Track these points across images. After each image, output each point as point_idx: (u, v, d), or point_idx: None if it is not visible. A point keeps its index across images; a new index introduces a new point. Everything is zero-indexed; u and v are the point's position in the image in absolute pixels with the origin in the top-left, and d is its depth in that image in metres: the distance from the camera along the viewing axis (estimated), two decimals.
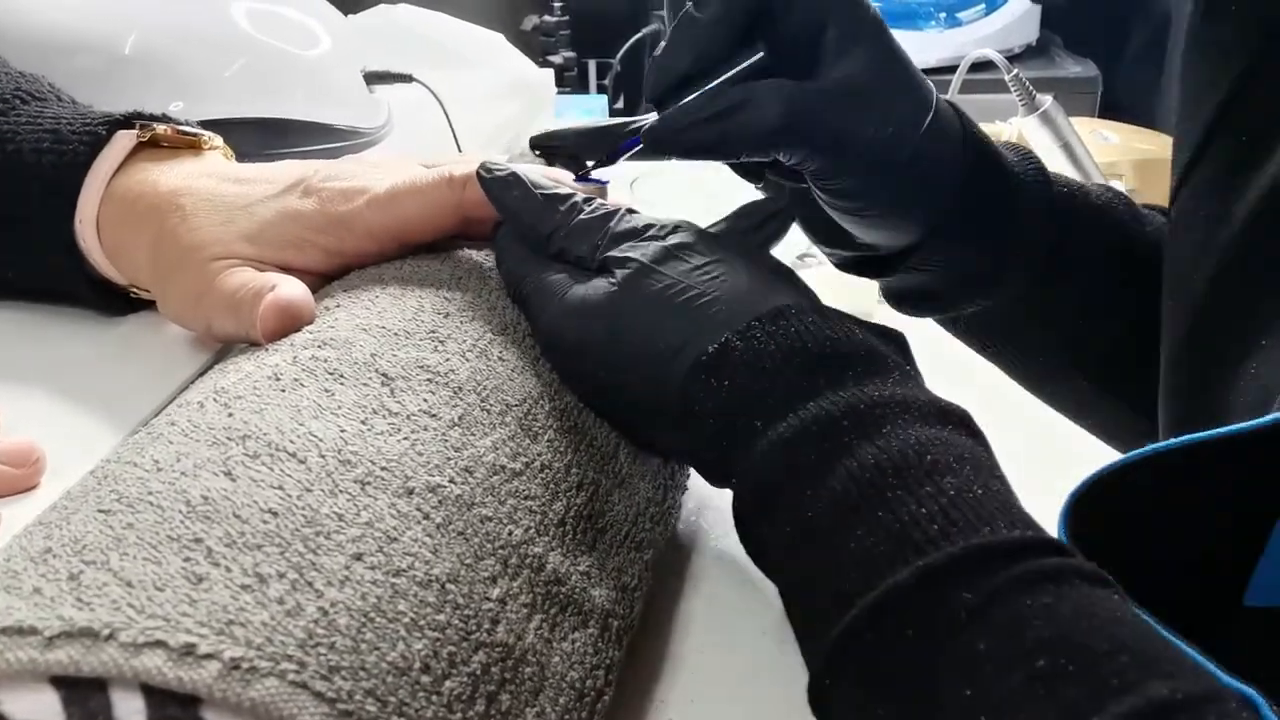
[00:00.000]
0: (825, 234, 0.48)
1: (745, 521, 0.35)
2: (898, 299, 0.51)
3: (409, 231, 0.45)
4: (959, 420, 0.33)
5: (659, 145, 0.42)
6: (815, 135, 0.41)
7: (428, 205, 0.44)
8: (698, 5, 0.42)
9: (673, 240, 0.40)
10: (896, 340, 0.38)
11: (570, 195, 0.42)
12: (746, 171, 0.48)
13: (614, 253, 0.40)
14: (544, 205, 0.42)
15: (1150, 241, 0.48)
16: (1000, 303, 0.48)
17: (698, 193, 0.84)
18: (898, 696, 0.27)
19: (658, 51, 0.43)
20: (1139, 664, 0.25)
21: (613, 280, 0.39)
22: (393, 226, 0.45)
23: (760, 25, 0.42)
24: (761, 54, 0.42)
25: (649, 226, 0.41)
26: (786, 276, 0.40)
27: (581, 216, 0.42)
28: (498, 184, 0.43)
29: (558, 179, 0.44)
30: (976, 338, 0.52)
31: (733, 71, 0.42)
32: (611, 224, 0.41)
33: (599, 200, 0.43)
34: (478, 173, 0.43)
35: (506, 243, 0.44)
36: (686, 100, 0.42)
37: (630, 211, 0.43)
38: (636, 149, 0.45)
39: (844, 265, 0.50)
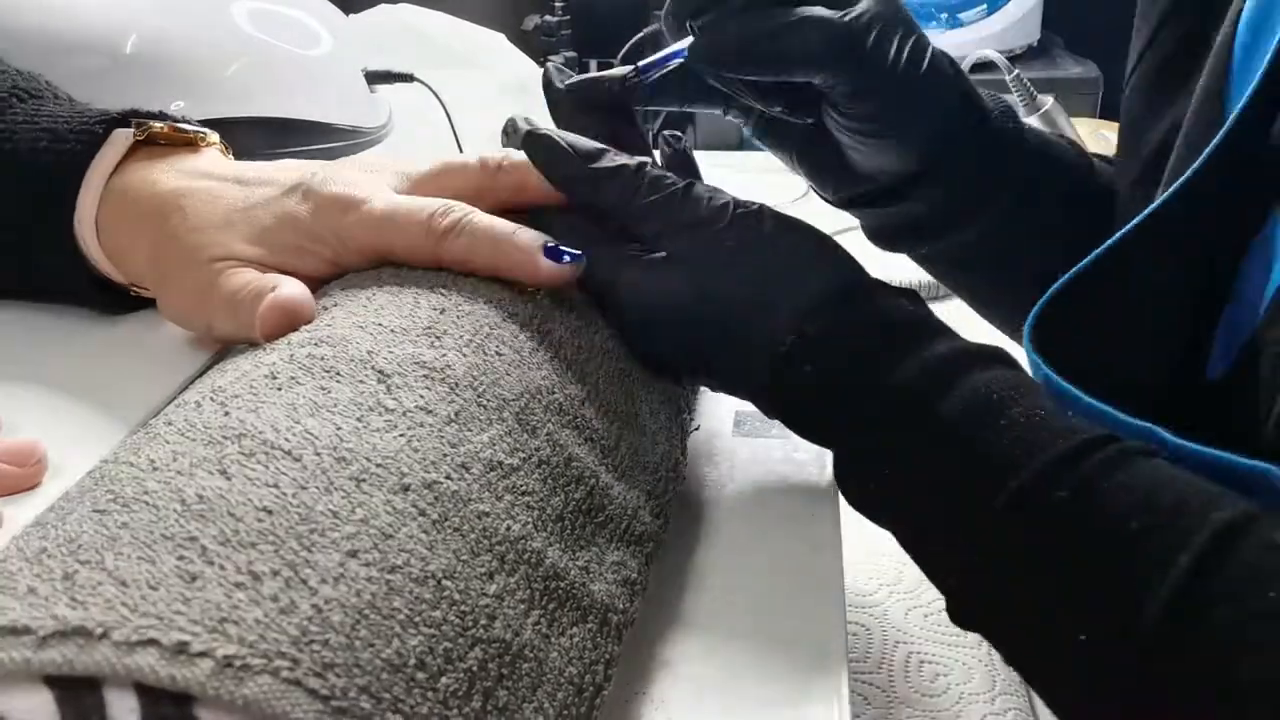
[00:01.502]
0: (824, 172, 0.52)
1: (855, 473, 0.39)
2: (879, 235, 0.54)
3: (395, 256, 0.44)
4: (1006, 359, 0.38)
5: (713, 55, 0.45)
6: (856, 58, 0.45)
7: (407, 244, 0.43)
8: None
9: (741, 216, 0.41)
10: (919, 298, 0.41)
11: (634, 170, 0.42)
12: (762, 95, 0.49)
13: (682, 233, 0.41)
14: (609, 181, 0.42)
15: (1101, 179, 0.54)
16: (976, 233, 0.52)
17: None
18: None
19: None
20: (1200, 503, 0.31)
21: (685, 260, 0.41)
22: (380, 249, 0.44)
23: None
24: None
25: (713, 201, 0.42)
26: (839, 249, 0.42)
27: (652, 197, 0.42)
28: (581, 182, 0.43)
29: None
30: (948, 272, 0.56)
31: None
32: (676, 204, 0.42)
33: (654, 172, 0.43)
34: (540, 164, 0.44)
35: (573, 221, 0.44)
36: (738, 16, 0.44)
37: (691, 185, 0.43)
38: (677, 62, 0.46)
39: (840, 203, 0.53)
